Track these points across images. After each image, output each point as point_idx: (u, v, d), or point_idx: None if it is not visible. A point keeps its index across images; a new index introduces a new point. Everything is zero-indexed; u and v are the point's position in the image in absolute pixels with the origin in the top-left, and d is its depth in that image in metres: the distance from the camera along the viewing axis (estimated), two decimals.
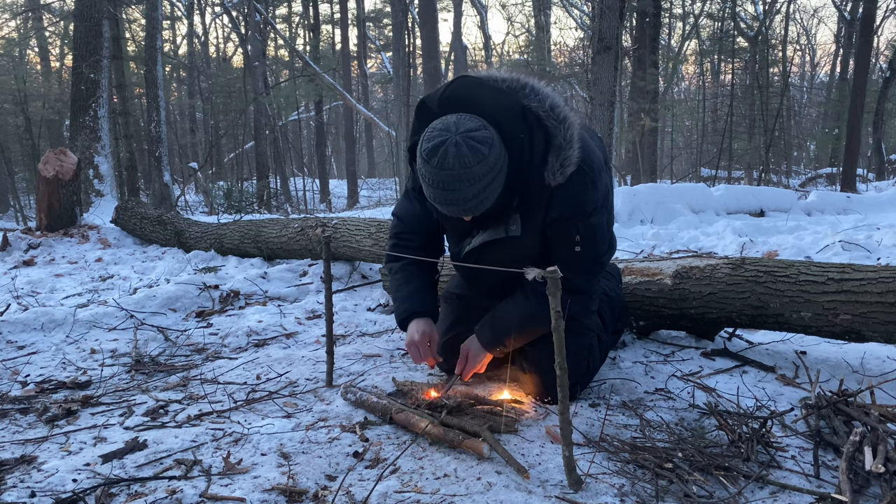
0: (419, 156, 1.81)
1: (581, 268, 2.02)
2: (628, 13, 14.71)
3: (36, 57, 24.07)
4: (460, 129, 1.76)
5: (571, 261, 1.98)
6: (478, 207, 1.83)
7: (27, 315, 3.25)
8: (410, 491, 1.57)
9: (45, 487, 1.63)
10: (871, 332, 2.16)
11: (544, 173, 1.88)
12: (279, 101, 18.90)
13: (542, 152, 1.87)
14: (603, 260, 2.10)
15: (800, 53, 31.93)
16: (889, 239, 4.87)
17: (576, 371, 2.06)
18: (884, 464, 1.55)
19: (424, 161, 1.78)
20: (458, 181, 1.75)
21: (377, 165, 33.96)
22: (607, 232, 2.09)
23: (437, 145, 1.76)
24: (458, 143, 1.74)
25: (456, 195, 1.77)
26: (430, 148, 1.77)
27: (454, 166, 1.73)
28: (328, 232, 4.20)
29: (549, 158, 1.87)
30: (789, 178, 18.71)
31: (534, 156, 1.87)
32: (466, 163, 1.73)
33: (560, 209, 1.94)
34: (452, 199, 1.78)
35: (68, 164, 6.12)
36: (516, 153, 1.85)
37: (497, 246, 2.05)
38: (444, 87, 1.94)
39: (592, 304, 2.26)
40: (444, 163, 1.74)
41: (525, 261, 1.99)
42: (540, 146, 1.87)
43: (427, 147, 1.78)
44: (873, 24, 15.62)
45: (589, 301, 2.15)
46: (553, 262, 1.96)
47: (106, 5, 10.04)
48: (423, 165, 1.79)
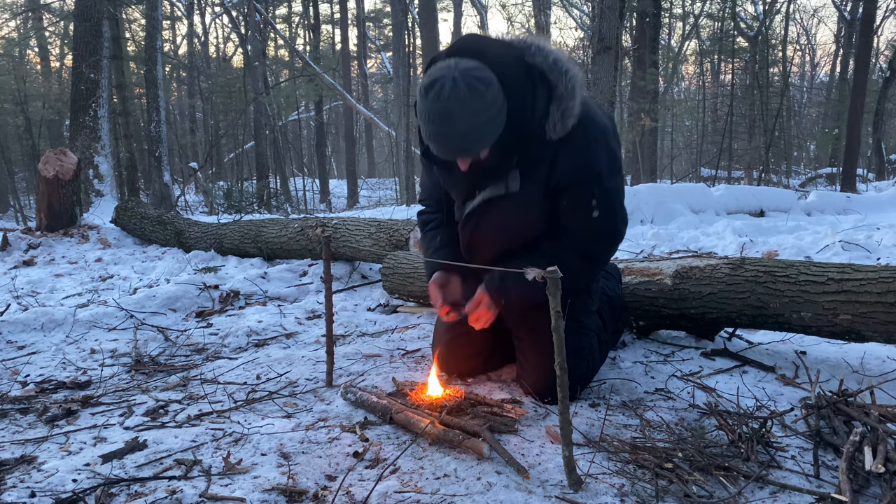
0: (418, 94, 1.80)
1: (601, 236, 2.02)
2: (628, 13, 14.71)
3: (36, 57, 24.08)
4: (459, 67, 1.75)
5: (590, 229, 1.98)
6: (471, 146, 1.81)
7: (27, 315, 3.25)
8: (410, 491, 1.57)
9: (45, 487, 1.63)
10: (871, 332, 2.16)
11: (546, 127, 1.87)
12: (279, 101, 18.91)
13: (545, 107, 1.86)
14: (621, 229, 2.06)
15: (800, 53, 31.95)
16: (889, 239, 4.87)
17: (576, 371, 2.06)
18: (884, 464, 1.55)
19: (422, 96, 1.77)
20: (453, 114, 1.73)
21: (377, 165, 33.97)
22: (622, 201, 2.06)
23: (436, 80, 1.75)
24: (456, 79, 1.73)
25: (450, 128, 1.76)
26: (428, 83, 1.76)
27: (449, 98, 1.72)
28: (328, 232, 4.20)
29: (550, 109, 1.86)
30: (789, 178, 18.72)
31: (536, 111, 1.86)
32: (462, 96, 1.72)
33: (567, 168, 1.92)
34: (446, 132, 1.77)
35: (68, 164, 6.12)
36: (518, 108, 1.82)
37: (497, 205, 2.03)
38: (453, 42, 1.95)
39: (592, 303, 2.26)
40: (440, 95, 1.73)
41: (527, 222, 2.03)
42: (543, 101, 1.86)
43: (425, 83, 1.77)
44: (873, 24, 15.63)
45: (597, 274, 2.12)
46: (571, 231, 2.01)
47: (106, 5, 10.04)
48: (420, 101, 1.78)
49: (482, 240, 2.13)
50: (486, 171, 1.96)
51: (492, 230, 2.09)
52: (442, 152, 1.85)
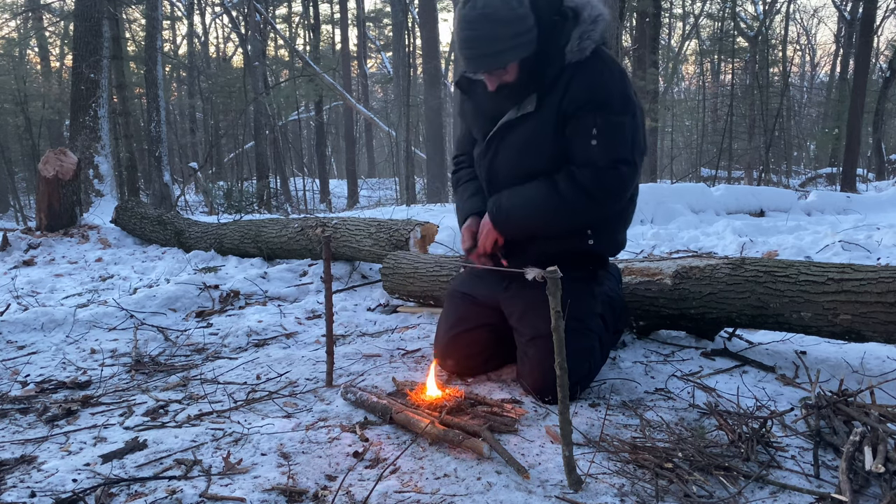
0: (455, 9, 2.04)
1: (597, 170, 2.02)
2: (628, 13, 14.71)
3: (36, 57, 24.08)
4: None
5: (587, 157, 2.02)
6: (498, 56, 1.95)
7: (27, 315, 3.25)
8: (410, 491, 1.57)
9: (45, 487, 1.63)
10: (871, 332, 2.16)
11: (565, 49, 2.01)
12: (279, 101, 18.91)
13: (569, 33, 2.01)
14: (622, 170, 2.05)
15: (800, 53, 31.96)
16: (889, 239, 4.87)
17: (577, 372, 2.06)
18: (884, 464, 1.55)
19: (459, 7, 1.97)
20: (484, 20, 1.91)
21: (377, 165, 33.96)
22: (631, 138, 2.06)
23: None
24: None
25: (480, 33, 1.92)
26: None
27: (484, 7, 1.91)
28: (328, 232, 4.20)
29: (572, 33, 2.01)
30: (789, 178, 18.72)
31: (561, 37, 2.01)
32: (495, 5, 1.90)
33: (575, 92, 2.00)
34: (476, 37, 1.93)
35: (68, 164, 6.12)
36: (548, 34, 1.99)
37: (515, 127, 2.13)
38: None
39: (596, 305, 2.26)
40: (475, 4, 1.92)
41: (541, 142, 2.11)
42: (569, 29, 2.01)
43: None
44: (873, 24, 15.63)
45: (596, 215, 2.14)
46: (571, 159, 2.06)
47: (106, 5, 10.04)
48: (456, 14, 1.99)
49: (500, 164, 2.19)
50: (515, 94, 2.07)
51: (508, 153, 2.16)
52: (471, 61, 1.98)
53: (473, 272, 2.44)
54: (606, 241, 2.27)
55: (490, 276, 2.33)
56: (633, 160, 2.08)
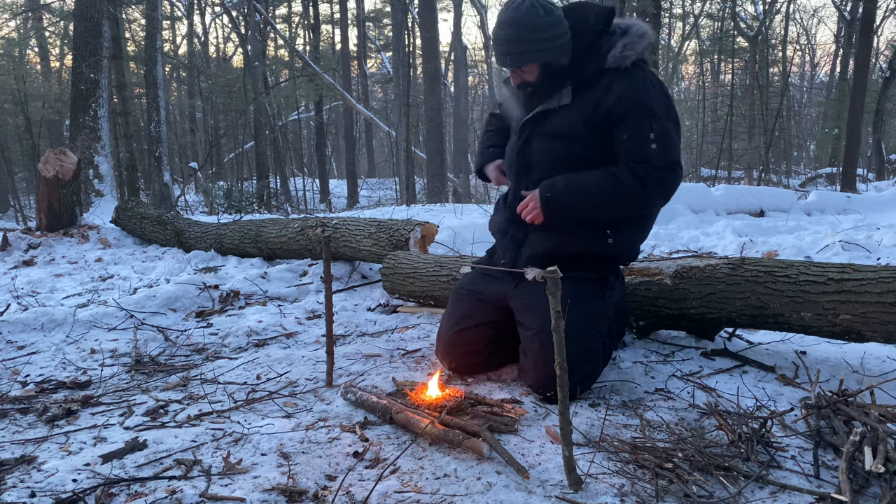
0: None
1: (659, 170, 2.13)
2: (628, 13, 14.71)
3: (36, 57, 24.07)
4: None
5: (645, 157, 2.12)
6: (519, 56, 2.14)
7: (27, 315, 3.25)
8: (410, 491, 1.57)
9: (45, 487, 1.63)
10: (871, 332, 2.16)
11: (608, 55, 2.16)
12: (279, 101, 18.89)
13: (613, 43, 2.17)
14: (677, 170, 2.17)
15: (800, 53, 31.94)
16: (889, 239, 4.87)
17: (581, 372, 2.07)
18: (884, 464, 1.55)
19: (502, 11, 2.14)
20: (512, 24, 2.10)
21: (377, 165, 33.94)
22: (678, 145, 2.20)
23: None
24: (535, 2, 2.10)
25: (507, 33, 2.11)
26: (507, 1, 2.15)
27: (516, 11, 2.10)
28: (328, 232, 4.20)
29: (617, 41, 2.17)
30: (789, 178, 18.71)
31: (603, 45, 2.17)
32: (524, 12, 2.09)
33: (620, 97, 2.13)
34: (505, 36, 2.11)
35: (68, 164, 6.12)
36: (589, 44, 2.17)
37: (549, 116, 2.26)
38: None
39: (607, 308, 2.27)
40: (510, 6, 2.12)
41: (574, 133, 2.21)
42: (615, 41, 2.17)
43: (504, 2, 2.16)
44: (873, 24, 15.62)
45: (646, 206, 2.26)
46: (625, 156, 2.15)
47: (106, 5, 10.04)
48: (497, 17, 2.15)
49: (533, 149, 2.30)
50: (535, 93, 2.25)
51: (542, 139, 2.28)
52: (497, 56, 2.19)
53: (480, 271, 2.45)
54: (624, 245, 2.31)
55: (501, 273, 2.33)
56: (681, 163, 2.22)
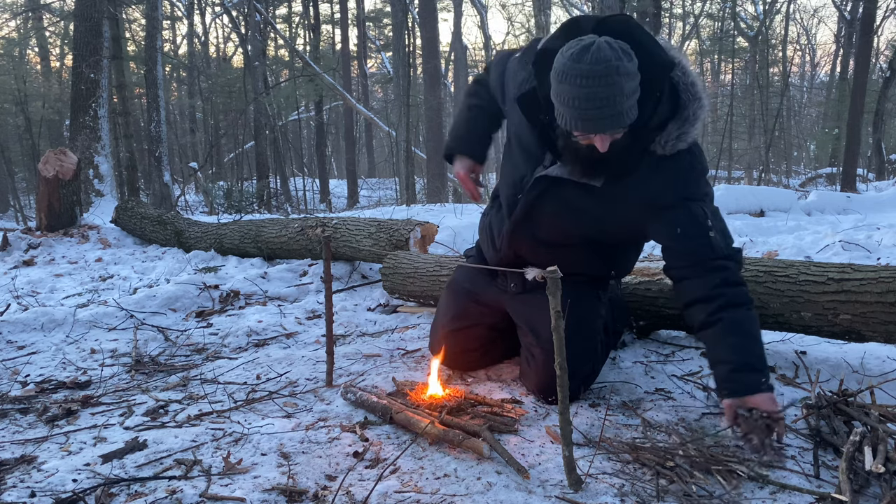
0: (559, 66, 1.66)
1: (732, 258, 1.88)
2: (628, 13, 14.71)
3: (36, 57, 24.07)
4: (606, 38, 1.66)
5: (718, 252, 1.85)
6: (628, 114, 1.67)
7: (27, 315, 3.25)
8: (410, 491, 1.57)
9: (45, 487, 1.63)
10: (871, 332, 2.16)
11: (656, 139, 1.81)
12: (279, 101, 18.89)
13: (664, 120, 1.80)
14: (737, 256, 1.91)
15: (800, 53, 31.94)
16: (889, 239, 4.86)
17: (581, 372, 2.07)
18: (884, 464, 1.55)
19: (573, 62, 1.62)
20: (616, 74, 1.60)
21: (377, 165, 33.94)
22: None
23: (588, 45, 1.63)
24: (610, 42, 1.63)
25: (614, 90, 1.61)
26: (580, 48, 1.63)
27: (610, 59, 1.60)
28: (328, 232, 4.20)
29: (669, 125, 1.80)
30: (789, 178, 18.71)
31: (653, 120, 1.78)
32: (619, 57, 1.61)
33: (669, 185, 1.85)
34: (611, 94, 1.62)
35: (68, 164, 6.12)
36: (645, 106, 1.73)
37: (571, 190, 1.93)
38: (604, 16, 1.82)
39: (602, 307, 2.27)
40: (598, 57, 1.60)
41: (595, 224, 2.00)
42: (664, 114, 1.79)
43: (575, 49, 1.64)
44: (873, 24, 15.62)
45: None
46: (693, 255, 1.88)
47: (106, 5, 10.03)
48: (569, 69, 1.63)
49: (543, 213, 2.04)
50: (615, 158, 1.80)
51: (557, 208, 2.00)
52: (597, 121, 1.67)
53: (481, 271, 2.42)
54: (624, 274, 2.36)
55: (497, 277, 2.33)
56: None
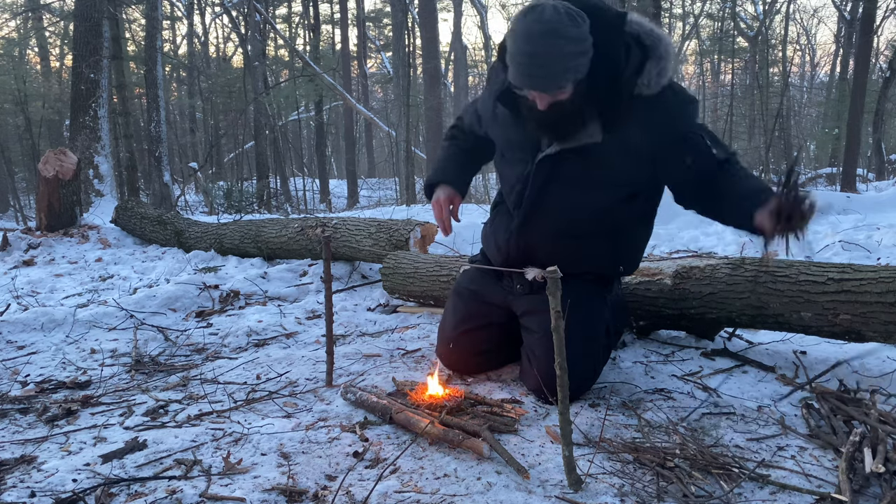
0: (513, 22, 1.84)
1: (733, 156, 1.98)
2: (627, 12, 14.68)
3: (36, 57, 24.06)
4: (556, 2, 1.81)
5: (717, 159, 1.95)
6: (565, 74, 1.81)
7: (27, 315, 3.25)
8: (410, 491, 1.57)
9: (45, 487, 1.63)
10: (871, 332, 2.16)
11: (637, 82, 1.91)
12: (279, 101, 18.89)
13: (638, 64, 1.90)
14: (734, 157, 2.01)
15: (800, 53, 31.91)
16: (889, 239, 4.86)
17: (583, 373, 2.07)
18: (884, 464, 1.55)
19: (519, 20, 1.80)
20: (555, 36, 1.76)
21: (377, 165, 33.94)
22: None
23: (535, 6, 1.81)
24: (556, 6, 1.78)
25: (551, 50, 1.77)
26: (527, 9, 1.82)
27: (552, 20, 1.76)
28: (328, 232, 4.20)
29: (647, 65, 1.91)
30: None
31: (629, 65, 1.89)
32: (563, 21, 1.76)
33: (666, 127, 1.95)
34: (548, 53, 1.77)
35: (68, 164, 6.12)
36: (610, 59, 1.86)
37: (578, 155, 1.99)
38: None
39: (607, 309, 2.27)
40: (541, 17, 1.77)
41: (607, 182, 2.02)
42: (636, 59, 1.90)
43: (524, 9, 1.83)
44: (873, 24, 15.60)
45: None
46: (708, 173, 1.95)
47: (106, 5, 10.03)
48: (517, 26, 1.81)
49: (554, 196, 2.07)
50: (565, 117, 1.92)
51: (567, 186, 2.04)
52: (535, 78, 1.83)
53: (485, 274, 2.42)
54: (632, 269, 2.35)
55: (503, 278, 2.33)
56: None
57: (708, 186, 1.99)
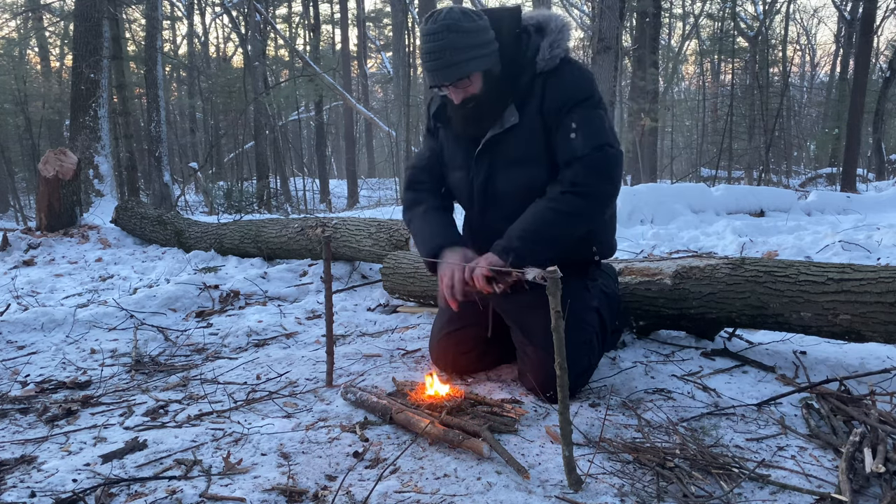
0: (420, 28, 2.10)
1: (583, 159, 2.01)
2: (628, 13, 14.71)
3: (36, 57, 24.07)
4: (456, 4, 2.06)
5: (571, 152, 2.04)
6: (463, 65, 2.00)
7: (27, 315, 3.25)
8: (410, 491, 1.57)
9: (45, 487, 1.63)
10: (871, 332, 2.16)
11: (537, 60, 2.09)
12: (279, 101, 18.90)
13: (537, 44, 2.10)
14: (606, 149, 2.04)
15: (800, 53, 31.91)
16: (889, 239, 4.87)
17: (577, 366, 2.06)
18: (884, 464, 1.55)
19: (422, 26, 2.05)
20: (448, 31, 1.97)
21: (377, 165, 33.95)
22: (609, 127, 2.12)
23: (433, 11, 2.06)
24: (452, 7, 2.05)
25: (444, 44, 1.97)
26: (428, 14, 2.05)
27: (445, 18, 1.99)
28: (328, 232, 4.20)
29: (541, 44, 2.10)
30: (789, 178, 18.69)
31: (529, 49, 2.10)
32: (456, 17, 1.99)
33: (554, 97, 2.07)
34: (441, 48, 1.97)
35: (68, 164, 6.12)
36: (512, 48, 2.09)
37: (502, 141, 2.14)
38: None
39: (591, 298, 2.26)
40: (437, 18, 2.00)
41: (534, 157, 2.13)
42: (536, 41, 2.10)
43: (426, 16, 2.06)
44: (873, 24, 15.60)
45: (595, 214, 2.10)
46: (558, 161, 2.08)
47: (106, 5, 10.04)
48: (420, 31, 2.08)
49: (498, 181, 2.17)
50: (483, 107, 2.10)
51: (505, 168, 2.15)
52: (436, 72, 2.01)
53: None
54: (607, 249, 2.34)
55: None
56: (615, 144, 2.08)
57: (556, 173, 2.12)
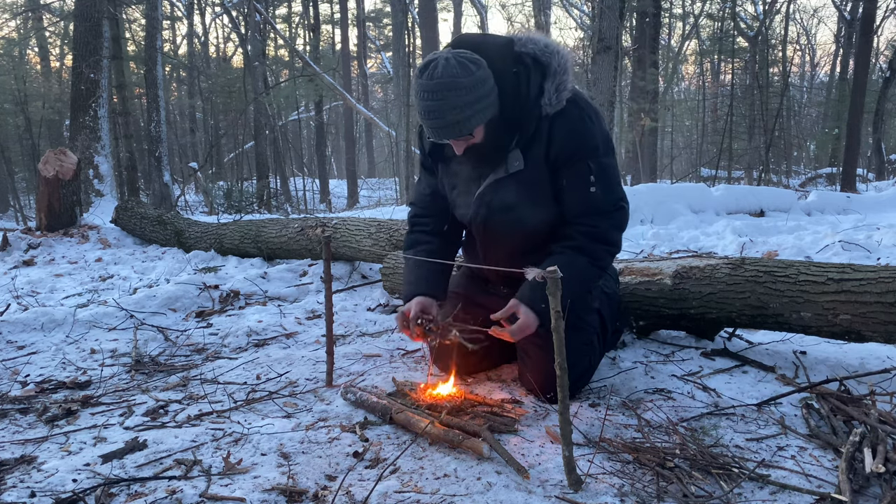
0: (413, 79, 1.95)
1: (603, 212, 2.04)
2: (628, 13, 14.70)
3: (36, 57, 24.07)
4: (451, 52, 1.91)
5: (591, 205, 2.02)
6: (464, 122, 1.89)
7: (27, 315, 3.25)
8: (410, 491, 1.57)
9: (45, 487, 1.63)
10: (871, 332, 2.16)
11: (542, 103, 1.99)
12: (279, 101, 18.90)
13: (539, 83, 2.00)
14: (623, 206, 2.09)
15: (800, 53, 31.90)
16: (889, 239, 4.87)
17: (578, 367, 2.07)
18: (884, 464, 1.55)
19: (417, 78, 1.91)
20: (447, 89, 1.85)
21: (377, 165, 33.94)
22: (620, 181, 2.11)
23: (429, 61, 1.90)
24: (448, 58, 1.87)
25: (445, 104, 1.86)
26: (423, 65, 1.92)
27: (443, 75, 1.85)
28: (328, 232, 4.20)
29: (545, 86, 1.99)
30: (789, 178, 18.69)
31: (531, 89, 1.98)
32: (454, 73, 1.85)
33: (562, 141, 2.00)
34: (441, 108, 1.86)
35: (68, 164, 6.12)
36: (512, 88, 1.96)
37: (505, 186, 2.09)
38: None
39: (592, 300, 2.26)
40: (433, 73, 1.86)
41: (538, 200, 2.10)
42: (537, 79, 2.00)
43: (420, 66, 1.93)
44: (873, 24, 15.61)
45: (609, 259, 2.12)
46: (573, 211, 2.05)
47: (106, 5, 10.04)
48: (415, 84, 1.91)
49: (498, 225, 2.14)
50: (485, 153, 2.03)
51: (505, 212, 2.11)
52: (436, 130, 1.92)
53: (467, 273, 2.44)
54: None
55: (487, 281, 2.33)
56: (625, 195, 2.12)
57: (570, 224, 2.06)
